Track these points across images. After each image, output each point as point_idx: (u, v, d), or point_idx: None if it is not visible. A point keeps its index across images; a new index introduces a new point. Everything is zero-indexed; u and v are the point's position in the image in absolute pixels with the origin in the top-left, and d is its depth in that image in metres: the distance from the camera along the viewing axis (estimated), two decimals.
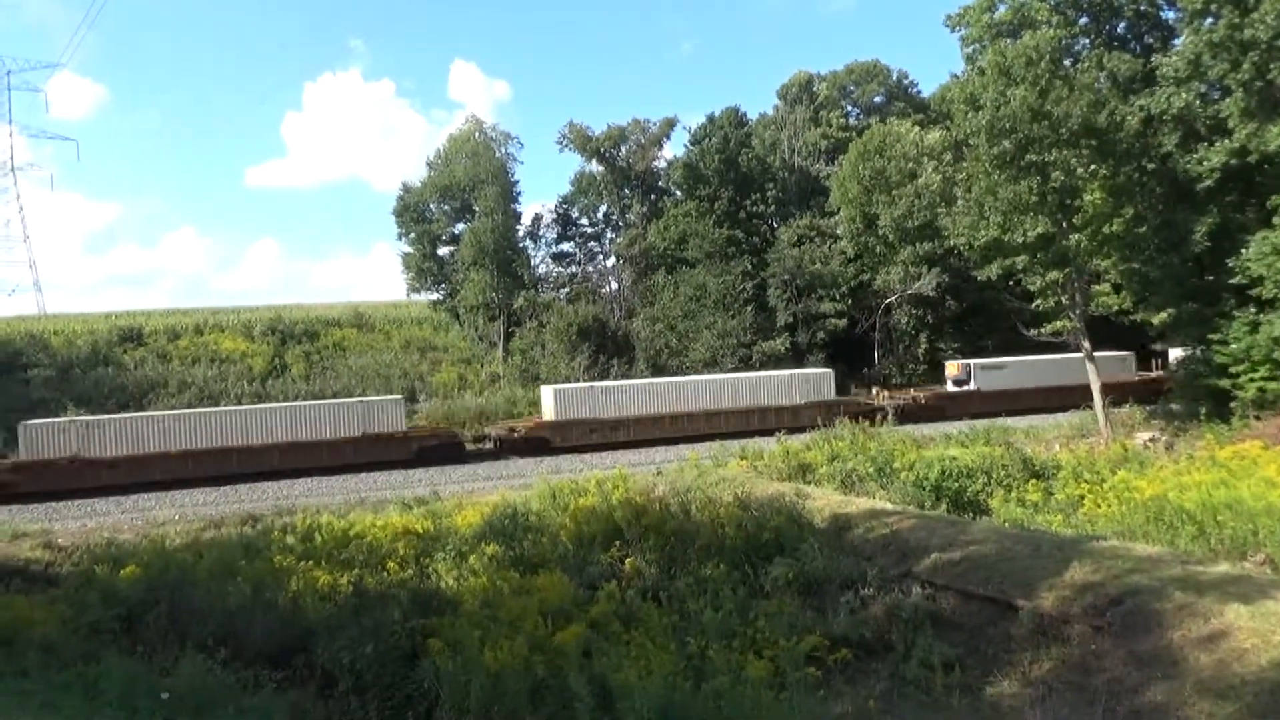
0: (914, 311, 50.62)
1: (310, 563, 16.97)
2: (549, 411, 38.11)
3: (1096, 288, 32.08)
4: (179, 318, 56.72)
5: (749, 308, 50.30)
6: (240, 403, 41.56)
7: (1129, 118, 28.32)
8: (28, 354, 46.97)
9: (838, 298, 51.22)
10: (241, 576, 15.70)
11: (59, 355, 47.26)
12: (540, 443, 36.43)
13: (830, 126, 56.87)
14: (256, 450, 33.42)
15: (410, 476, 31.77)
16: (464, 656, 10.53)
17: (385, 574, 16.20)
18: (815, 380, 41.58)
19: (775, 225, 55.75)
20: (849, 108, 60.11)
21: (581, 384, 41.11)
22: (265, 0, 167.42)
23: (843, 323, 51.27)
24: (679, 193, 56.50)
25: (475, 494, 25.66)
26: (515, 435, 37.07)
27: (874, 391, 44.78)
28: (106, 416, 34.65)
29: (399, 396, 38.76)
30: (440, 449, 35.34)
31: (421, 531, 19.38)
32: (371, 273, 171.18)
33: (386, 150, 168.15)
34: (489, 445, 37.81)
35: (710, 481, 22.20)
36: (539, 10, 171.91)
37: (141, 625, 13.25)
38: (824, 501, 18.52)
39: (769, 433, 31.49)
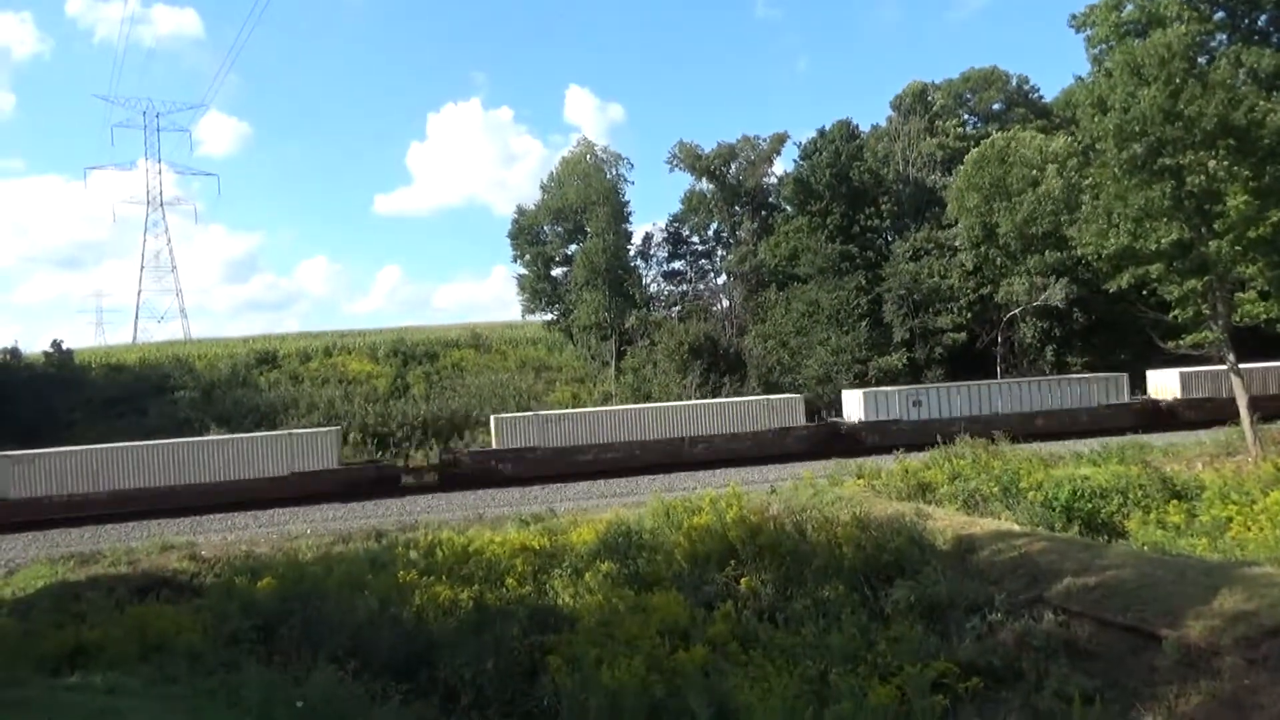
0: (1039, 324, 48.55)
1: (432, 578, 17.49)
2: (856, 414, 40.11)
3: (1241, 295, 30.10)
4: (310, 341, 59.32)
5: (864, 323, 49.24)
6: (365, 422, 43.43)
7: (1271, 115, 26.58)
8: (175, 376, 50.06)
9: (956, 311, 49.62)
10: (369, 590, 16.31)
11: (202, 377, 50.16)
12: (852, 442, 38.02)
13: (946, 136, 55.30)
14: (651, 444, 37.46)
15: (527, 494, 32.33)
16: (582, 674, 10.62)
17: (504, 590, 16.53)
18: (1114, 382, 42.37)
19: (890, 239, 54.49)
20: (966, 116, 58.32)
21: (890, 388, 42.30)
22: (392, 38, 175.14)
23: (961, 337, 49.60)
24: (790, 208, 55.87)
25: (589, 511, 25.90)
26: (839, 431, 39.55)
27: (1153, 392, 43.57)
28: (562, 411, 39.63)
29: (798, 395, 41.51)
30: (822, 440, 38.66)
31: (538, 548, 19.72)
32: (491, 295, 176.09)
33: (506, 175, 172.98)
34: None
35: (826, 501, 21.84)
36: (652, 34, 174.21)
37: (277, 635, 13.87)
38: (946, 522, 17.93)
39: (1087, 435, 35.14)
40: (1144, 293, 32.96)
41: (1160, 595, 11.50)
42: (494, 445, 36.59)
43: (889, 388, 42.21)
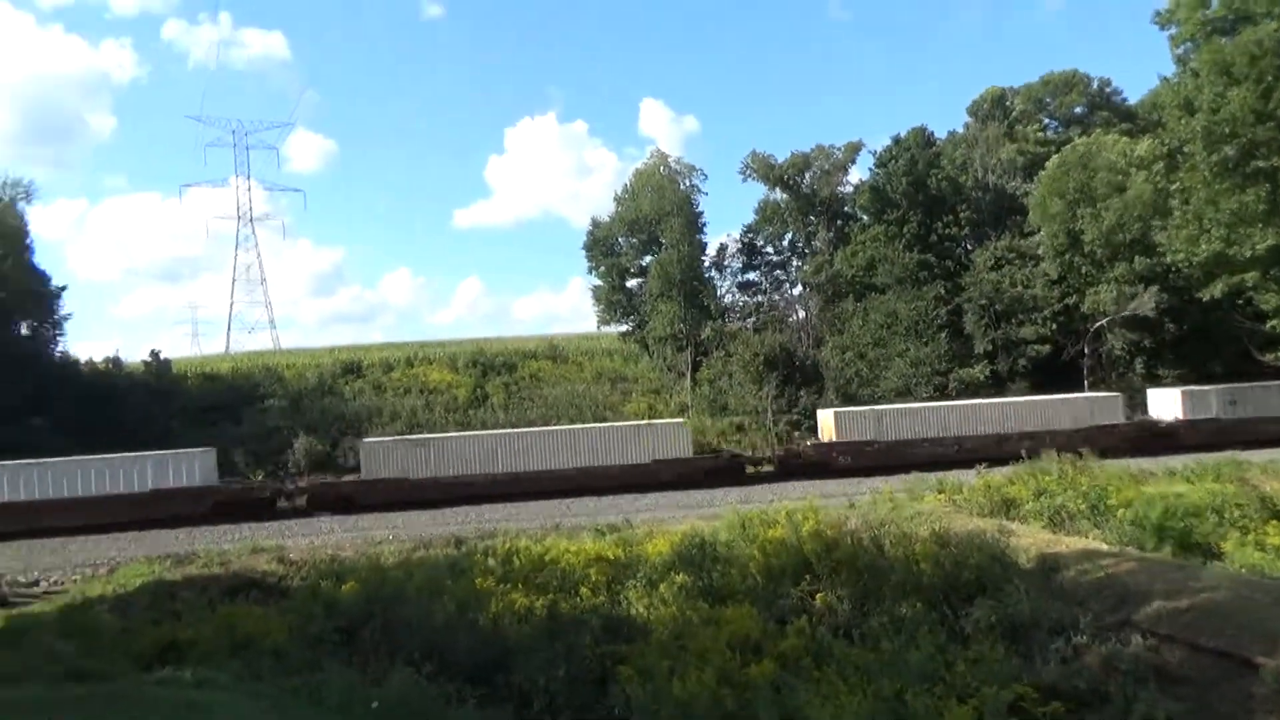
0: (1128, 335, 46.85)
1: (508, 585, 17.74)
2: (1171, 412, 40.31)
3: None
4: (392, 351, 60.85)
5: (943, 334, 48.30)
6: (445, 431, 44.37)
7: None
8: (265, 385, 51.96)
9: (1040, 322, 48.26)
10: (447, 596, 16.63)
11: (291, 386, 51.90)
12: (1171, 439, 37.96)
13: (1026, 141, 54.04)
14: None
15: (600, 503, 32.51)
16: (653, 685, 10.67)
17: (579, 599, 16.67)
18: None
19: (969, 248, 53.40)
20: (1046, 120, 56.91)
21: (1208, 386, 42.05)
22: (470, 56, 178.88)
23: (1046, 348, 48.22)
24: (866, 217, 55.25)
25: (665, 522, 25.89)
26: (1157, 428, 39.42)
27: None
28: (899, 406, 40.90)
29: (1117, 394, 41.73)
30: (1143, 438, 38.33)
31: (613, 558, 19.79)
32: (568, 306, 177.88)
33: (581, 187, 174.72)
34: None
35: (905, 516, 21.50)
36: (726, 44, 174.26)
37: (359, 637, 14.28)
38: (1030, 540, 17.51)
39: None
40: (1240, 301, 31.66)
41: (1257, 620, 11.04)
42: (834, 438, 38.01)
43: (1206, 386, 41.75)
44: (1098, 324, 46.81)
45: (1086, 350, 48.03)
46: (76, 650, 14.71)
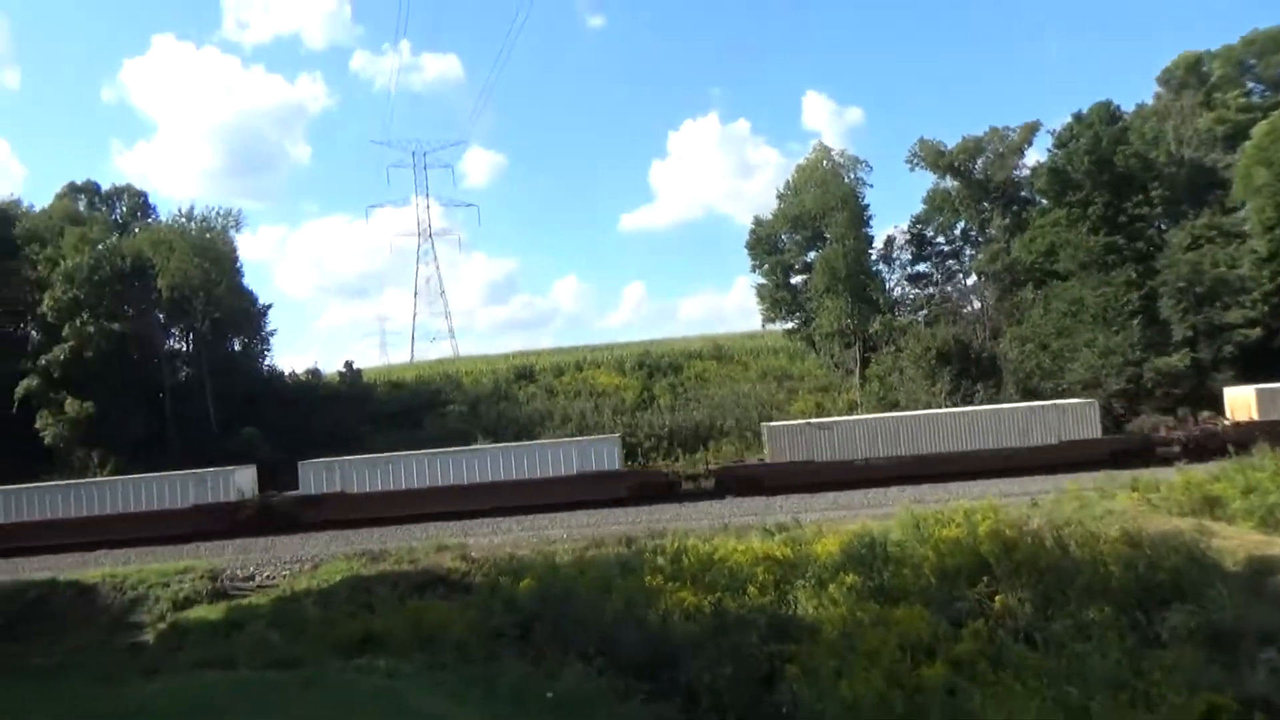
0: None
1: (677, 583, 18.05)
2: None
3: None
4: (563, 356, 62.72)
5: (1135, 321, 44.95)
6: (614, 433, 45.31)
7: None
8: (445, 392, 54.85)
9: (1249, 305, 44.06)
10: (616, 593, 17.10)
11: (469, 392, 54.54)
12: None
13: (1227, 109, 49.42)
14: None
15: (770, 503, 32.33)
16: (820, 685, 10.60)
17: (746, 598, 16.74)
18: None
19: (1163, 228, 49.41)
20: (1251, 85, 51.81)
21: None
22: (632, 64, 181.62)
23: (1256, 333, 43.99)
24: (1044, 201, 52.20)
25: (835, 522, 25.52)
26: None
27: None
28: None
29: None
30: None
31: (781, 558, 19.75)
32: (733, 305, 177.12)
33: (744, 186, 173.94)
34: None
35: (1095, 514, 20.34)
36: (892, 32, 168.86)
37: (534, 632, 14.93)
38: (1237, 541, 16.19)
39: None
40: None
41: None
42: (1253, 418, 35.82)
43: None
44: None
45: None
46: (284, 639, 16.17)
